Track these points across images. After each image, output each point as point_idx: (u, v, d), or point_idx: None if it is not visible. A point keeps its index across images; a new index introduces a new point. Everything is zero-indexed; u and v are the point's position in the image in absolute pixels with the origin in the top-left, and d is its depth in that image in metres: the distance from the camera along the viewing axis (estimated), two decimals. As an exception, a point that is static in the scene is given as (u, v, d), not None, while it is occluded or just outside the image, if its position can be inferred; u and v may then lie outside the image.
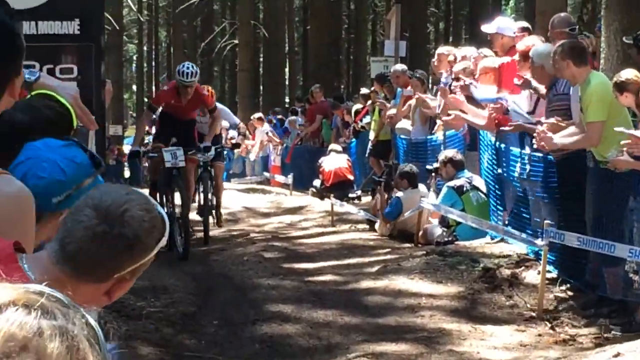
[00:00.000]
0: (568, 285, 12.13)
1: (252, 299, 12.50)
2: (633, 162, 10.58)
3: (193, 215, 17.40)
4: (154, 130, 19.92)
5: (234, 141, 25.31)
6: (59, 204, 3.81)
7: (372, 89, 23.97)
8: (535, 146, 12.18)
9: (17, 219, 3.65)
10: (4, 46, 3.93)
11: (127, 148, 35.18)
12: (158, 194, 16.30)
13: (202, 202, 17.89)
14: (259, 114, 33.28)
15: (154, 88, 72.66)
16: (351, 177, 23.02)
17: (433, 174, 16.16)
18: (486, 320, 11.51)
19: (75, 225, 3.19)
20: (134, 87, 73.08)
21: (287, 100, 48.81)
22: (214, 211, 18.83)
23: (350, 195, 22.28)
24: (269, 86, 48.93)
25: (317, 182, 23.61)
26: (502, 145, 14.21)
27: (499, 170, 14.65)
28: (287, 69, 55.32)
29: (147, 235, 3.25)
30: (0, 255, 2.92)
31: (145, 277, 12.33)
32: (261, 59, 52.22)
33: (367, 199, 21.90)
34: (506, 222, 14.07)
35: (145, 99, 72.35)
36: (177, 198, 16.31)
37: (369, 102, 23.84)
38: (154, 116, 18.64)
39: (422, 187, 16.82)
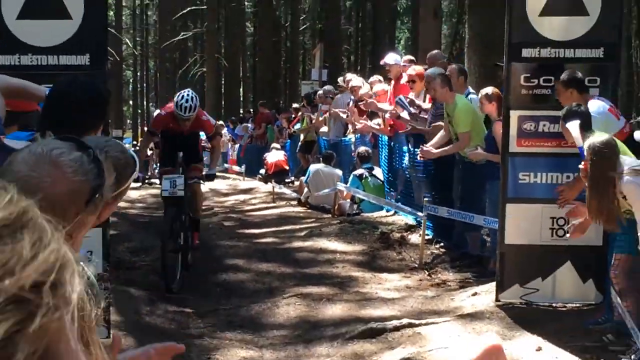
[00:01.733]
0: (441, 245, 12.21)
1: (215, 255, 12.47)
2: (485, 154, 10.68)
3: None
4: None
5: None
6: None
7: (302, 104, 23.97)
8: (419, 157, 12.22)
9: None
10: (101, 110, 4.25)
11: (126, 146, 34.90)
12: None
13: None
14: (221, 122, 33.10)
15: (145, 102, 72.28)
16: (287, 167, 23.00)
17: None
18: (382, 270, 11.55)
19: None
20: (131, 102, 72.49)
21: (241, 111, 48.57)
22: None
23: (286, 180, 22.27)
24: (228, 101, 48.77)
25: (262, 171, 23.60)
26: (396, 145, 14.28)
27: (392, 162, 14.73)
28: (241, 89, 55.12)
29: (122, 169, 3.31)
30: None
31: (138, 240, 12.29)
32: (223, 82, 51.94)
33: (297, 183, 21.93)
34: (397, 199, 14.14)
35: (139, 110, 71.93)
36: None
37: (299, 113, 23.87)
38: (157, 139, 13.04)
39: (338, 171, 16.89)
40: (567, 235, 8.33)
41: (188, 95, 11.04)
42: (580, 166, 7.47)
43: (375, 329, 8.54)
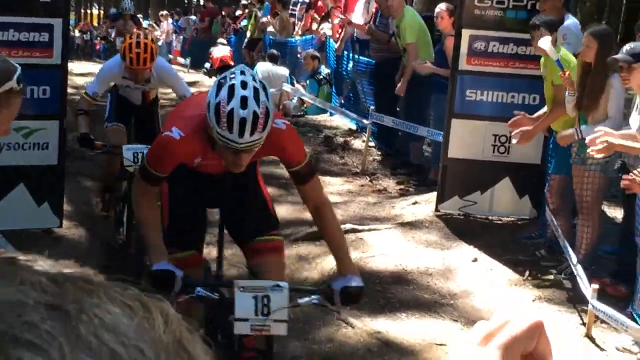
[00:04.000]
0: (383, 152, 12.38)
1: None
2: (433, 67, 10.80)
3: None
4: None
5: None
6: None
7: (250, 1, 23.72)
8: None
9: None
10: None
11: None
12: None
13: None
14: (165, 12, 32.68)
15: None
16: (232, 63, 22.85)
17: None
18: (325, 174, 11.63)
19: None
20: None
21: (185, 2, 47.87)
22: None
23: (231, 75, 22.18)
24: (173, -9, 47.98)
25: (207, 65, 23.49)
26: (343, 50, 14.30)
27: (339, 67, 14.78)
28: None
29: None
30: None
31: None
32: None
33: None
34: (342, 104, 14.23)
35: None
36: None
37: (246, 10, 23.65)
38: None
39: (284, 71, 16.90)
40: (513, 141, 8.32)
41: (250, 90, 4.11)
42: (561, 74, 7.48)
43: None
